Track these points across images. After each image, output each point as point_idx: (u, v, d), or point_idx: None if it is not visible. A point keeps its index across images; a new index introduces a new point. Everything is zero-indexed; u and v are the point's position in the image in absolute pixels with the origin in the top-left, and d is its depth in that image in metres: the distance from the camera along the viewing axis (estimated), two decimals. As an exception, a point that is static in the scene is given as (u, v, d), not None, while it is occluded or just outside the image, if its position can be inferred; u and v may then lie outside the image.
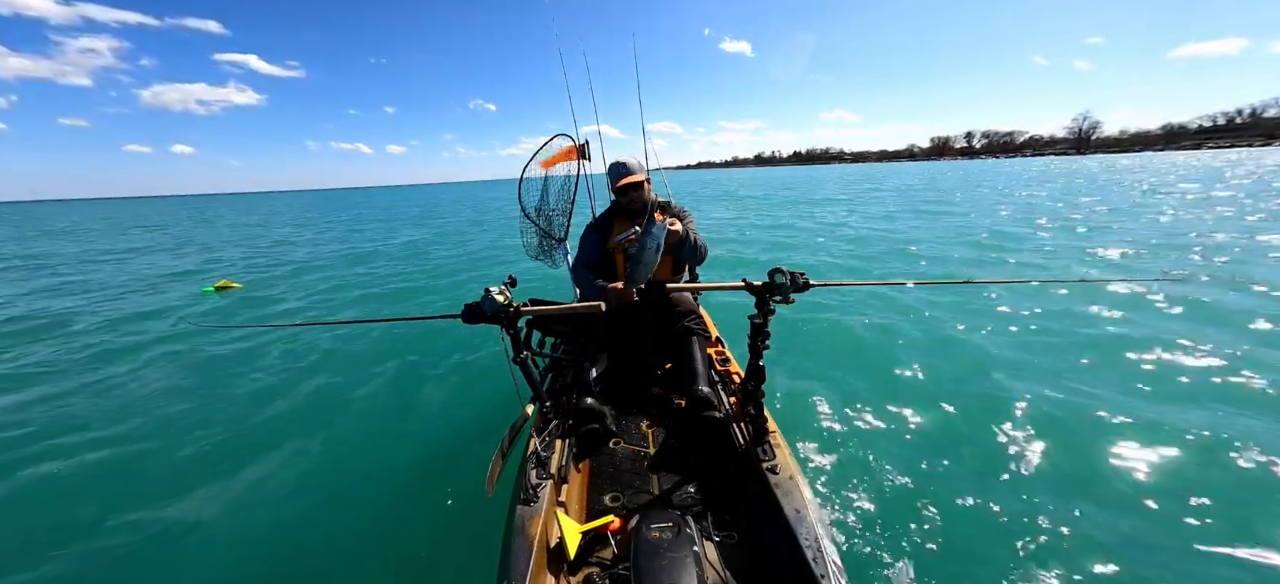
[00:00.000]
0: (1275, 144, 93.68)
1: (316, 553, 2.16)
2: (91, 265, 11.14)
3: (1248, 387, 2.99)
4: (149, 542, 2.28)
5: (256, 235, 17.00)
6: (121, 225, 26.02)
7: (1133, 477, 2.29)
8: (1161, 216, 10.29)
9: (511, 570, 1.24)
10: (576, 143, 3.21)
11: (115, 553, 2.22)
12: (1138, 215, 10.69)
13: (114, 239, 17.85)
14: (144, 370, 4.33)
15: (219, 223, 24.96)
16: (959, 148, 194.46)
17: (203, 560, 2.17)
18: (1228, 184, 17.20)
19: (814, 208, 16.91)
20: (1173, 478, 2.27)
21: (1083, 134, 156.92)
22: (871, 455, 2.48)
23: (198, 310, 6.59)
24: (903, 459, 2.46)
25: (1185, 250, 6.91)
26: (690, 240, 2.29)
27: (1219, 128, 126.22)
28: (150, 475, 2.79)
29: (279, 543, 2.24)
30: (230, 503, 2.52)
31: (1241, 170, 25.21)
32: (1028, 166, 56.77)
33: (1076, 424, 2.69)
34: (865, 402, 2.99)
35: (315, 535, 2.27)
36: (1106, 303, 4.50)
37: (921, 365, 3.48)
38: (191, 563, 2.16)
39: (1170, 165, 37.04)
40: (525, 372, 1.68)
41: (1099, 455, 2.44)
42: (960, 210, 13.42)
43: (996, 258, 7.32)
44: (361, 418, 3.32)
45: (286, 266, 9.90)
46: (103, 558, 2.20)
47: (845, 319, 4.51)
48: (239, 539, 2.28)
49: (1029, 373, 3.31)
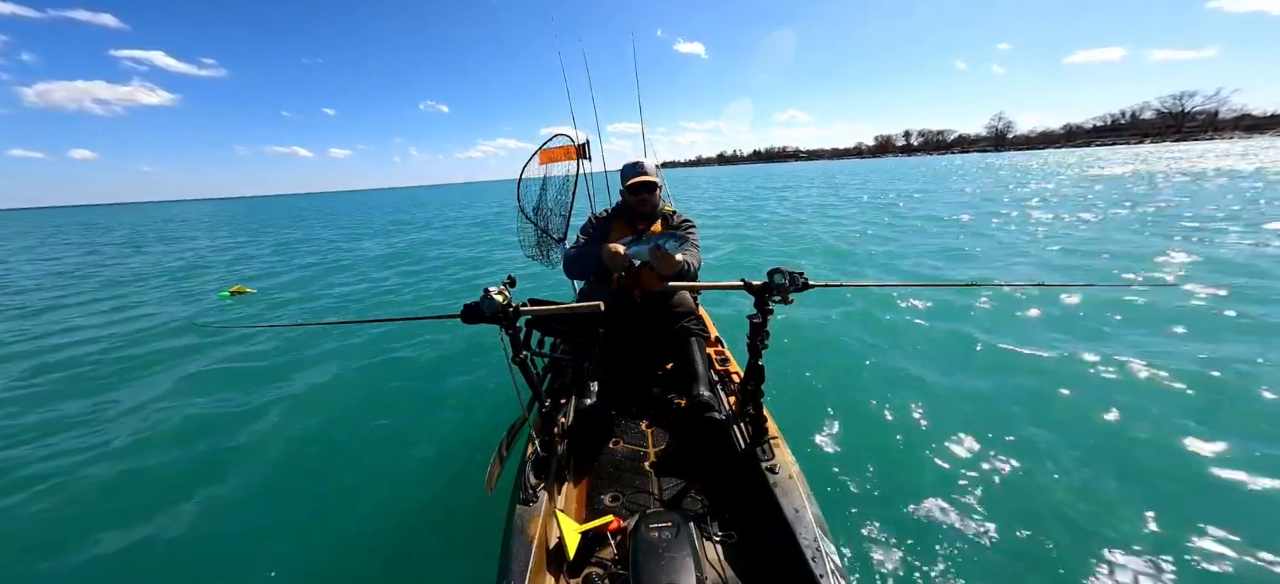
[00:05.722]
0: (1147, 142, 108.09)
1: (316, 553, 2.16)
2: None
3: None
4: (148, 541, 2.28)
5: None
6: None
7: (1137, 477, 2.29)
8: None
9: (511, 570, 1.24)
10: (575, 143, 3.20)
11: (116, 552, 2.23)
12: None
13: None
14: (147, 375, 4.34)
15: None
16: (900, 146, 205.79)
17: (203, 560, 2.17)
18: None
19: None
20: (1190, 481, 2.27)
21: (999, 133, 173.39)
22: (871, 455, 2.48)
23: (213, 315, 6.60)
24: (903, 459, 2.46)
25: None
26: (686, 270, 2.21)
27: (1105, 128, 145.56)
28: (150, 476, 2.79)
29: (279, 543, 2.24)
30: (228, 503, 2.52)
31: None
32: (953, 162, 58.41)
33: (1077, 425, 2.69)
34: (865, 401, 3.00)
35: (315, 535, 2.27)
36: (1109, 303, 4.49)
37: (921, 365, 3.48)
38: (192, 562, 2.17)
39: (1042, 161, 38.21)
40: (524, 372, 1.68)
41: (1099, 455, 2.44)
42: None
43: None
44: (361, 418, 3.32)
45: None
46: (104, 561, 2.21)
47: (845, 319, 4.51)
48: (239, 539, 2.28)
49: (1029, 372, 3.31)
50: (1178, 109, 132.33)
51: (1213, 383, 2.99)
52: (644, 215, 2.45)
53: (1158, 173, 20.80)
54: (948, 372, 3.37)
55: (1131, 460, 2.38)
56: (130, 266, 11.42)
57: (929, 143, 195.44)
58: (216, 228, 23.90)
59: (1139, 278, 5.50)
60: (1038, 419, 2.74)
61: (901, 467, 2.39)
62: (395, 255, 11.03)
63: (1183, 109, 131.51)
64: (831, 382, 3.31)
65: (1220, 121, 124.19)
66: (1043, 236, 8.26)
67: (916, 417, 2.82)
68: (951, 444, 2.55)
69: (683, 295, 2.40)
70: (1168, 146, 75.54)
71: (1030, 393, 3.01)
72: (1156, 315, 4.13)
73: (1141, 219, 9.28)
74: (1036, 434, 2.59)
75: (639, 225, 2.44)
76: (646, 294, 2.39)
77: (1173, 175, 18.97)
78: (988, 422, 2.73)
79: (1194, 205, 10.54)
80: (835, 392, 3.14)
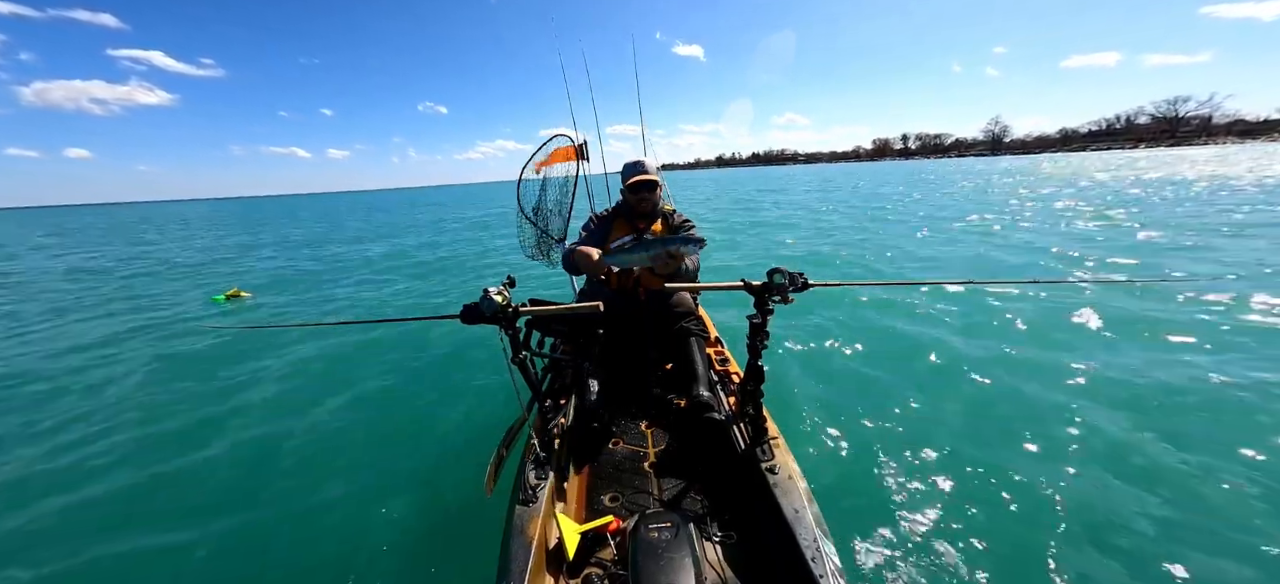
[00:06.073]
0: (1141, 146, 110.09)
1: (315, 553, 2.16)
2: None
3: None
4: (145, 543, 2.27)
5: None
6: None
7: (1140, 479, 2.30)
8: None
9: (511, 571, 1.24)
10: (574, 143, 3.21)
11: (115, 553, 2.22)
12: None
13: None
14: (145, 373, 4.32)
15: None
16: (897, 149, 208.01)
17: (202, 560, 2.16)
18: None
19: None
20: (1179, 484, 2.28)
21: (996, 137, 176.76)
22: (871, 455, 2.48)
23: (209, 317, 6.57)
24: (902, 459, 2.46)
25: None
26: (684, 271, 2.21)
27: (1100, 132, 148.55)
28: (146, 479, 2.78)
29: (278, 543, 2.23)
30: (227, 504, 2.51)
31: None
32: (953, 164, 59.04)
33: (1078, 425, 2.70)
34: (865, 401, 3.00)
35: (314, 536, 2.26)
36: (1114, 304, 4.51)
37: (921, 365, 3.49)
38: (191, 563, 2.16)
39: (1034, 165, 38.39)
40: (524, 372, 1.68)
41: (1097, 453, 2.45)
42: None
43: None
44: (360, 418, 3.31)
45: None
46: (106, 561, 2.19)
47: (845, 319, 4.52)
48: (237, 540, 2.27)
49: (1028, 373, 3.32)
50: (1172, 114, 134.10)
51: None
52: (644, 214, 2.45)
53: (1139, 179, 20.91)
54: (948, 372, 3.38)
55: (1133, 460, 2.39)
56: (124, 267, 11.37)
57: (926, 146, 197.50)
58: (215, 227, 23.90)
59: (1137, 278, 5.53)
60: (1038, 419, 2.74)
61: (902, 467, 2.39)
62: (395, 254, 11.02)
63: (1177, 114, 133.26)
64: (831, 382, 3.31)
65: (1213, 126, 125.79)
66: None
67: (917, 417, 2.83)
68: (952, 444, 2.55)
69: (682, 295, 2.40)
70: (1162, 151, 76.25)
71: (1031, 393, 3.02)
72: (1156, 314, 4.15)
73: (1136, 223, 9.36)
74: (1037, 434, 2.60)
75: (639, 224, 2.44)
76: (646, 294, 2.40)
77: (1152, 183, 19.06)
78: (989, 422, 2.74)
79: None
80: (835, 392, 3.14)
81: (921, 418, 2.82)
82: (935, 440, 2.60)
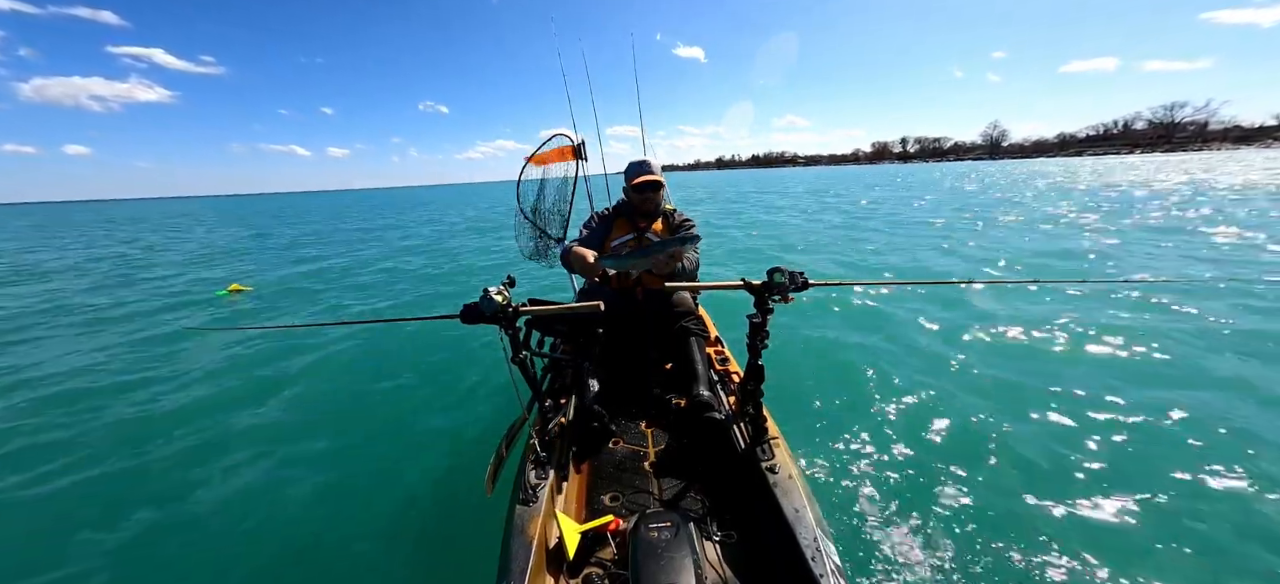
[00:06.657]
0: (1138, 151, 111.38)
1: (315, 553, 2.15)
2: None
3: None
4: (144, 543, 2.27)
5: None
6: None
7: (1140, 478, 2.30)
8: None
9: (511, 570, 1.24)
10: (573, 143, 3.21)
11: (115, 554, 2.20)
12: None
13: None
14: (142, 375, 4.30)
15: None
16: (896, 153, 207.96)
17: (200, 561, 2.16)
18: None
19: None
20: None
21: (994, 141, 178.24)
22: (871, 455, 2.48)
23: (210, 313, 6.55)
24: (902, 459, 2.46)
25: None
26: (683, 270, 2.24)
27: (1098, 137, 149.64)
28: (148, 478, 2.77)
29: (278, 542, 2.23)
30: (226, 504, 2.50)
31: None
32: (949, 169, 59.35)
33: (1079, 425, 2.70)
34: (865, 402, 3.00)
35: (314, 535, 2.25)
36: (1114, 303, 4.53)
37: (922, 364, 3.50)
38: (190, 563, 2.15)
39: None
40: (524, 372, 1.68)
41: (1101, 453, 2.46)
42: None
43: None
44: (360, 418, 3.30)
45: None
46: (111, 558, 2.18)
47: (845, 319, 4.52)
48: (237, 539, 2.26)
49: (1027, 372, 3.32)
50: (1168, 120, 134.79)
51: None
52: (646, 214, 2.45)
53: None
54: (948, 372, 3.39)
55: (1134, 461, 2.39)
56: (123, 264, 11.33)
57: (925, 150, 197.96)
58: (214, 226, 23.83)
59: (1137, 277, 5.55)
60: (1039, 420, 2.75)
61: (903, 467, 2.39)
62: (394, 254, 11.00)
63: (1173, 120, 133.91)
64: (831, 381, 3.31)
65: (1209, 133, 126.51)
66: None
67: (917, 416, 2.83)
68: (952, 444, 2.56)
69: (682, 295, 2.40)
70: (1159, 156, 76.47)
71: (1031, 393, 3.02)
72: (1154, 315, 4.16)
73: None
74: (1038, 434, 2.61)
75: (640, 224, 2.44)
76: (646, 293, 2.40)
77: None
78: (989, 422, 2.74)
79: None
80: (835, 391, 3.14)
81: (922, 417, 2.82)
82: (936, 440, 2.61)
